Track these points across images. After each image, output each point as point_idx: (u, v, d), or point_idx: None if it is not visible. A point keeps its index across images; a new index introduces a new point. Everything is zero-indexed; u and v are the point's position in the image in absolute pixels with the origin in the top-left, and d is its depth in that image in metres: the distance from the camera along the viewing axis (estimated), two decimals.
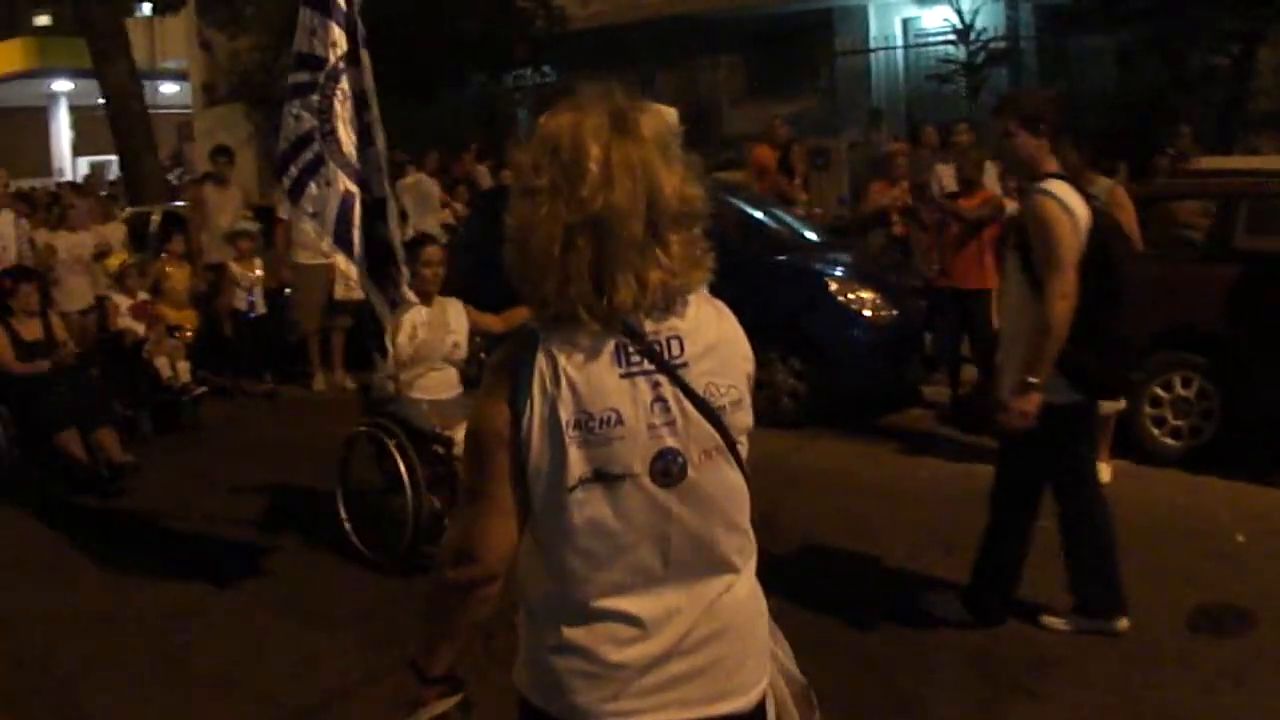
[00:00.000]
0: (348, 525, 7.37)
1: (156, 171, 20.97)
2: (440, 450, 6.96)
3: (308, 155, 6.51)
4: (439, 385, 7.37)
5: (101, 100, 20.47)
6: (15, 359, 9.66)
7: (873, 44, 22.19)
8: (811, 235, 11.81)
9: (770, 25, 22.55)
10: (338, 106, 6.52)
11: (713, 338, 2.40)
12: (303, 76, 6.55)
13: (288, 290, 13.09)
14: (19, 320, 9.85)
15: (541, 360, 2.31)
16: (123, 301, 11.79)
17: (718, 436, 2.37)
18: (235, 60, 24.70)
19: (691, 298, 2.39)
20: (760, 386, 9.77)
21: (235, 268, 12.81)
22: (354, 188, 6.55)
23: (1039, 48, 20.40)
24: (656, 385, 2.32)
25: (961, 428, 9.53)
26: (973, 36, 19.45)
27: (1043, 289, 5.31)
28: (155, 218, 16.01)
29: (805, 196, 15.02)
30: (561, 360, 2.30)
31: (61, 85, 34.06)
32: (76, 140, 35.90)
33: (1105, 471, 7.86)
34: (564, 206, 2.25)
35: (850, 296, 9.98)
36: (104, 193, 19.67)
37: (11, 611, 6.91)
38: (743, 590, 2.49)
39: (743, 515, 2.48)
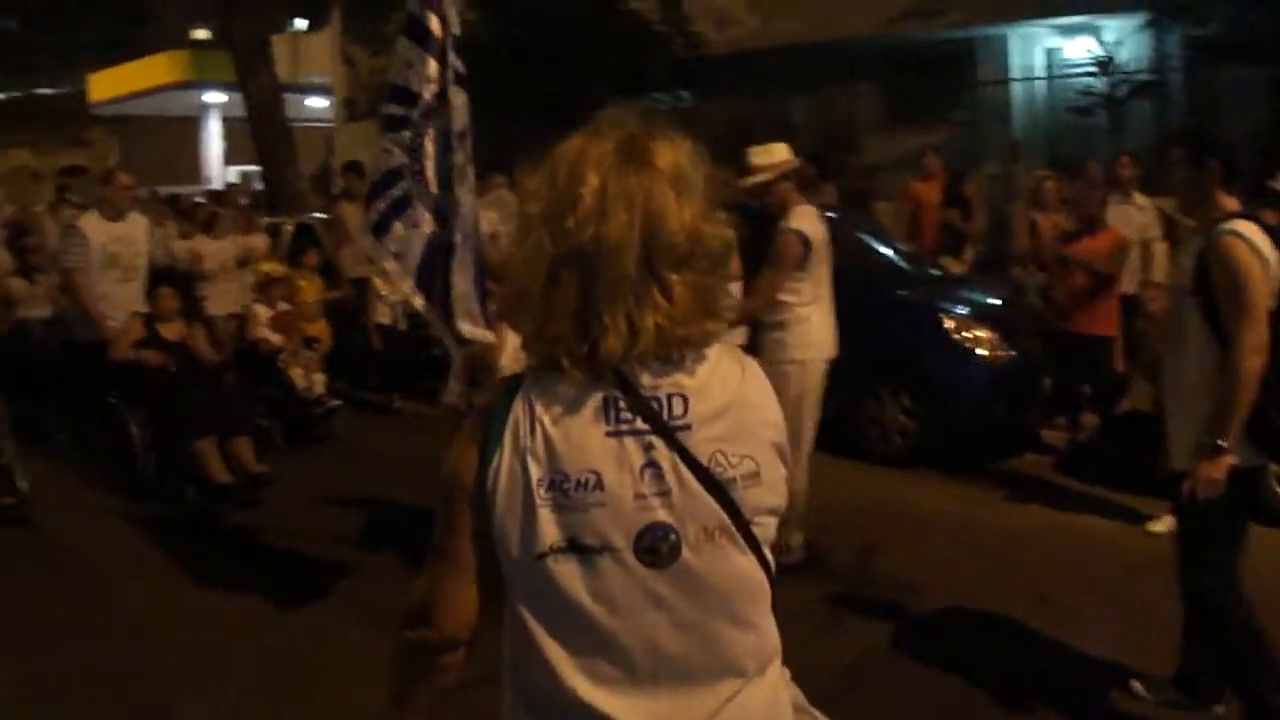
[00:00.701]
0: None
1: (296, 183, 21.36)
2: None
3: (395, 192, 6.33)
4: None
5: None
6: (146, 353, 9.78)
7: (1014, 75, 21.71)
8: (936, 271, 11.58)
9: (911, 54, 22.25)
10: (429, 145, 6.29)
11: (727, 399, 2.09)
12: (396, 110, 6.35)
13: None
14: (161, 322, 9.97)
15: (519, 408, 2.06)
16: (263, 312, 11.94)
17: (723, 514, 2.05)
18: (375, 77, 25.02)
19: (709, 351, 2.11)
20: (870, 422, 9.63)
21: (379, 282, 12.61)
22: (438, 228, 6.33)
23: (1186, 80, 19.80)
24: (650, 448, 2.03)
25: (1078, 476, 9.24)
26: (1115, 68, 18.92)
27: (1230, 342, 4.77)
28: (288, 228, 16.20)
29: (976, 231, 14.47)
30: (539, 410, 2.04)
31: (213, 97, 34.81)
32: (227, 150, 36.68)
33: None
34: (549, 236, 2.04)
35: (966, 335, 9.78)
36: (244, 201, 20.06)
37: (124, 606, 7.12)
38: (755, 700, 2.13)
39: (755, 609, 2.13)
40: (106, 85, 38.16)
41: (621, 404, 2.04)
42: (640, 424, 2.04)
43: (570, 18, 21.51)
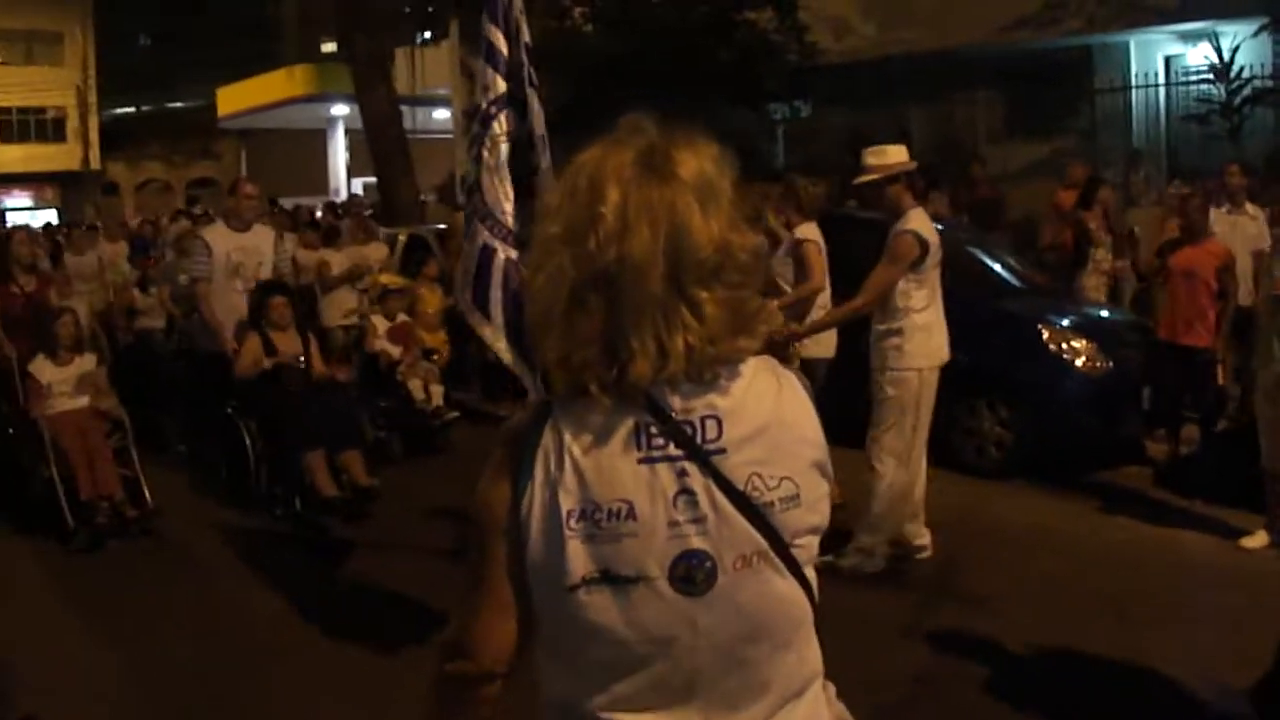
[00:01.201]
0: None
1: (411, 195, 21.60)
2: None
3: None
4: None
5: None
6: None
7: (1134, 82, 21.37)
8: (1043, 282, 11.48)
9: (1029, 62, 21.98)
10: (485, 154, 6.24)
11: (764, 419, 1.99)
12: (475, 129, 6.41)
13: None
14: (274, 332, 9.84)
15: (548, 437, 1.98)
16: (381, 323, 12.01)
17: (761, 539, 1.96)
18: None
19: (744, 369, 2.01)
20: (967, 434, 9.54)
21: None
22: (495, 242, 6.20)
23: None
24: (683, 474, 1.94)
25: (1176, 489, 9.06)
26: (1233, 75, 18.52)
27: None
28: (401, 239, 16.40)
29: (1108, 238, 14.15)
30: (568, 439, 1.96)
31: (339, 109, 35.52)
32: (351, 162, 37.34)
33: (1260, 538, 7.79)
34: (570, 260, 1.94)
35: (1064, 346, 9.73)
36: (366, 213, 20.40)
37: (231, 615, 7.35)
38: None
39: (798, 632, 2.07)
40: (234, 99, 39.14)
41: (653, 429, 1.95)
42: (673, 449, 1.95)
43: (689, 29, 21.56)
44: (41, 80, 52.80)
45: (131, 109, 56.15)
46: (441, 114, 32.00)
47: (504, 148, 6.24)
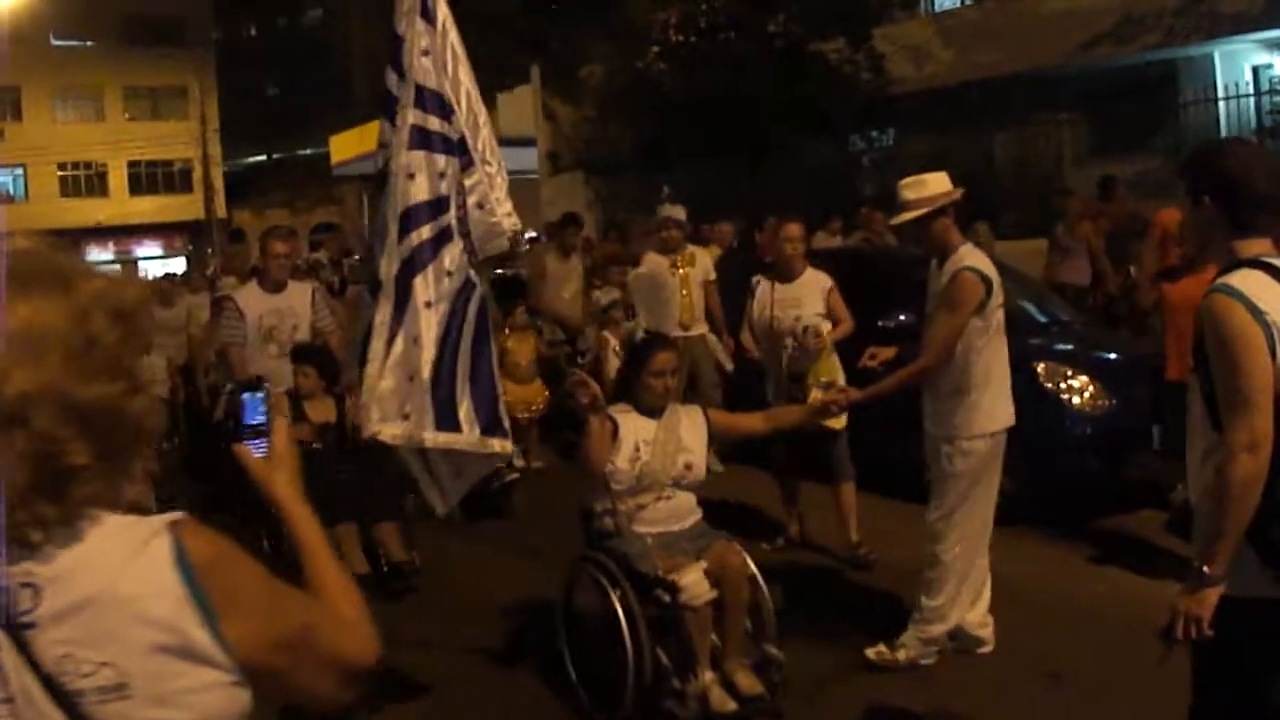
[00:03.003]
0: (565, 651, 6.38)
1: None
2: (665, 597, 5.75)
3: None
4: (667, 516, 6.11)
5: None
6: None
7: (1220, 94, 20.76)
8: (1059, 314, 11.17)
9: (1112, 79, 21.55)
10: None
11: (90, 592, 1.72)
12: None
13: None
14: (308, 401, 9.05)
15: None
16: None
17: None
18: (577, 129, 25.52)
19: (90, 532, 1.77)
20: None
21: (612, 339, 11.88)
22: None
23: None
24: None
25: (1185, 536, 8.65)
26: None
27: (1224, 435, 3.59)
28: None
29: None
30: None
31: None
32: None
33: None
34: None
35: (1059, 384, 9.35)
36: None
37: None
38: None
39: None
40: (345, 146, 39.79)
41: None
42: None
43: (759, 65, 21.54)
44: (169, 134, 54.79)
45: (260, 158, 57.71)
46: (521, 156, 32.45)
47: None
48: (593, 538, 6.27)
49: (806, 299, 8.84)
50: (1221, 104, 20.54)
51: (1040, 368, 9.42)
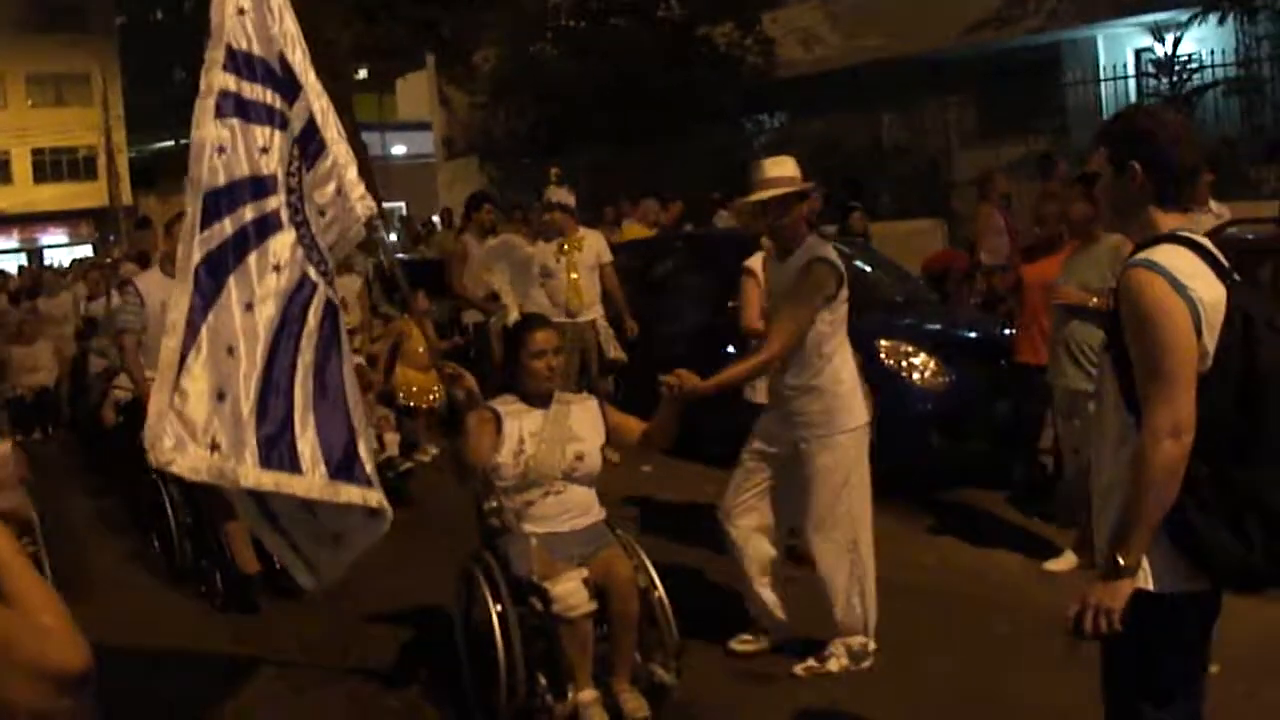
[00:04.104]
0: (464, 657, 5.89)
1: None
2: (538, 605, 5.39)
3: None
4: (559, 513, 5.67)
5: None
6: None
7: (1102, 75, 21.10)
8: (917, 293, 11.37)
9: (998, 63, 21.85)
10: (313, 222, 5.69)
11: None
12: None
13: None
14: None
15: None
16: None
17: None
18: (471, 115, 25.58)
19: None
20: None
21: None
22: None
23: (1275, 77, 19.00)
24: None
25: (1027, 510, 8.82)
26: (1180, 65, 18.28)
27: (1141, 417, 3.37)
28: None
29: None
30: None
31: None
32: None
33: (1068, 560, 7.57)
34: None
35: (900, 362, 9.46)
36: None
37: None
38: None
39: None
40: None
41: None
42: None
43: (648, 49, 21.67)
44: (73, 120, 54.20)
45: (167, 144, 57.08)
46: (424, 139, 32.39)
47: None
48: (484, 535, 5.91)
49: None
50: (1103, 85, 20.91)
51: (881, 345, 9.51)
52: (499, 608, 5.38)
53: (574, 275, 10.93)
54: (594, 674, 5.41)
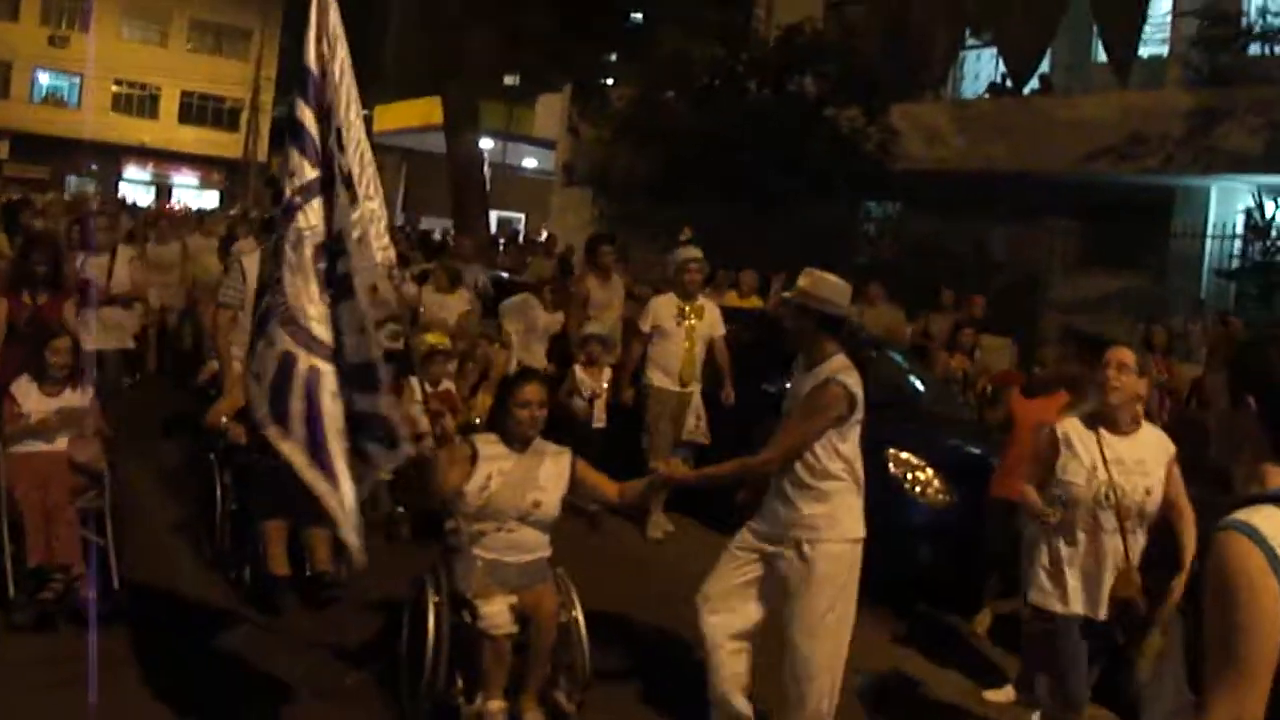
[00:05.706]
0: (404, 649, 6.41)
1: (484, 238, 22.28)
2: (467, 618, 6.00)
3: (262, 306, 5.57)
4: (506, 547, 6.16)
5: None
6: None
7: (1211, 231, 21.27)
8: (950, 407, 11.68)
9: (1110, 194, 22.02)
10: (287, 250, 5.40)
11: None
12: (278, 219, 5.67)
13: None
14: None
15: None
16: (415, 389, 9.13)
17: None
18: (594, 148, 26.09)
19: None
20: None
21: (580, 373, 11.22)
22: (298, 349, 5.28)
23: None
24: None
25: (1001, 642, 8.62)
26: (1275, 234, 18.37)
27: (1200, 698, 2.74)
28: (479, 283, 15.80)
29: None
30: None
31: (485, 143, 36.49)
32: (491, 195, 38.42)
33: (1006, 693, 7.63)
34: None
35: (908, 475, 9.60)
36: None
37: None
38: None
39: None
40: (389, 118, 40.53)
41: None
42: None
43: (778, 115, 22.05)
44: (226, 71, 55.82)
45: None
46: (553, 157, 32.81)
47: (309, 244, 5.41)
48: (443, 548, 6.41)
49: None
50: (1209, 240, 21.12)
51: (890, 455, 9.63)
52: (435, 615, 6.07)
53: (692, 346, 10.76)
54: (506, 688, 6.07)
